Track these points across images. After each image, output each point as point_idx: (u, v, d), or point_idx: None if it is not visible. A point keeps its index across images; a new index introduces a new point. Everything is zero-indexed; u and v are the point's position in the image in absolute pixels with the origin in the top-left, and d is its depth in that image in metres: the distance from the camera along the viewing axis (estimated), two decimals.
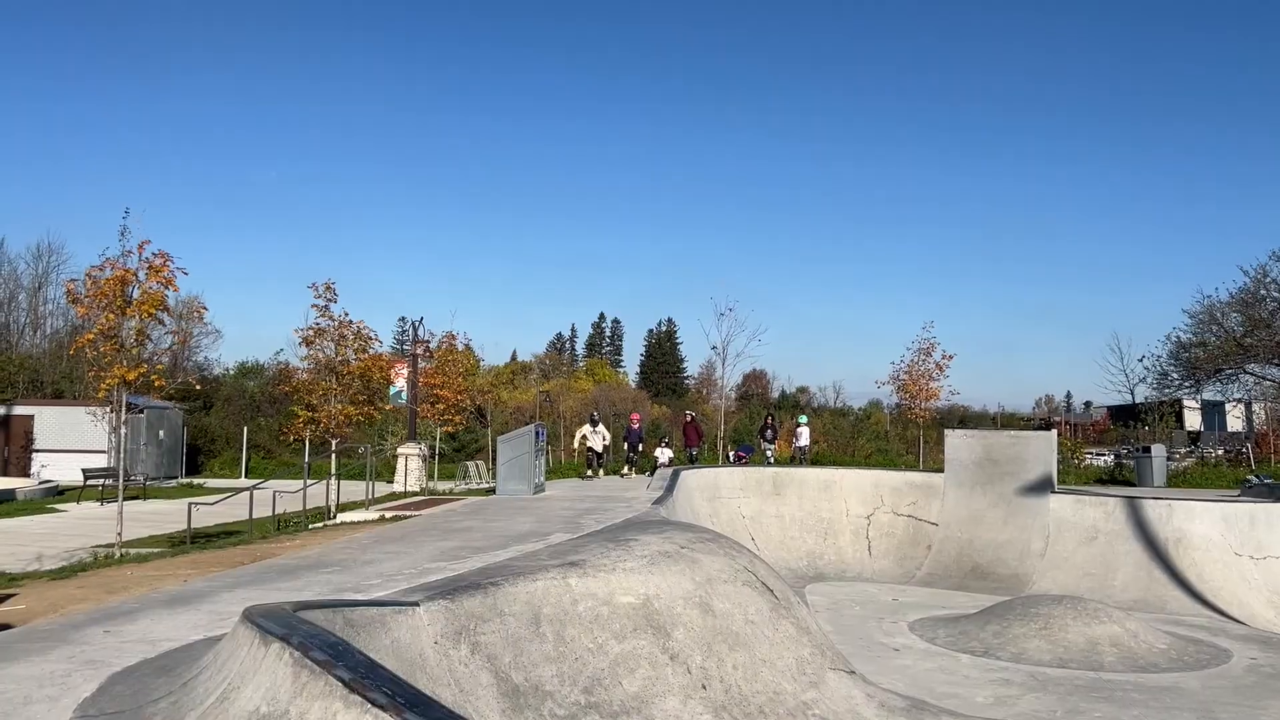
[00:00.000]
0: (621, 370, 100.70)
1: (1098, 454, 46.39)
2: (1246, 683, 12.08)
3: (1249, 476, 26.95)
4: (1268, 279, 39.94)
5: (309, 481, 20.19)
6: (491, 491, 19.65)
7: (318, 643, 3.71)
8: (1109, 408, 61.84)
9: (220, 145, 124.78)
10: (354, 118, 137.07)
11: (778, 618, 9.42)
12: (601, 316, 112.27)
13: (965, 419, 60.53)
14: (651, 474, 23.82)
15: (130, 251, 14.88)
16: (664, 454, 27.26)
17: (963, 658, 12.96)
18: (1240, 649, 13.90)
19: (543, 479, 18.88)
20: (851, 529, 22.07)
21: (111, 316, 14.58)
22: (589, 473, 24.79)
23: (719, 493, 21.89)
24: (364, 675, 3.44)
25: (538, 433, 18.15)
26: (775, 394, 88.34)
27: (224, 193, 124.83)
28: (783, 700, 8.46)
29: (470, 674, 7.05)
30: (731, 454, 33.67)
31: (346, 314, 20.82)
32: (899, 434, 51.68)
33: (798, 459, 27.69)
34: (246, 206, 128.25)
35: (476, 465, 31.24)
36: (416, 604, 7.12)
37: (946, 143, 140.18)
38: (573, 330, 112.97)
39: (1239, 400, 45.92)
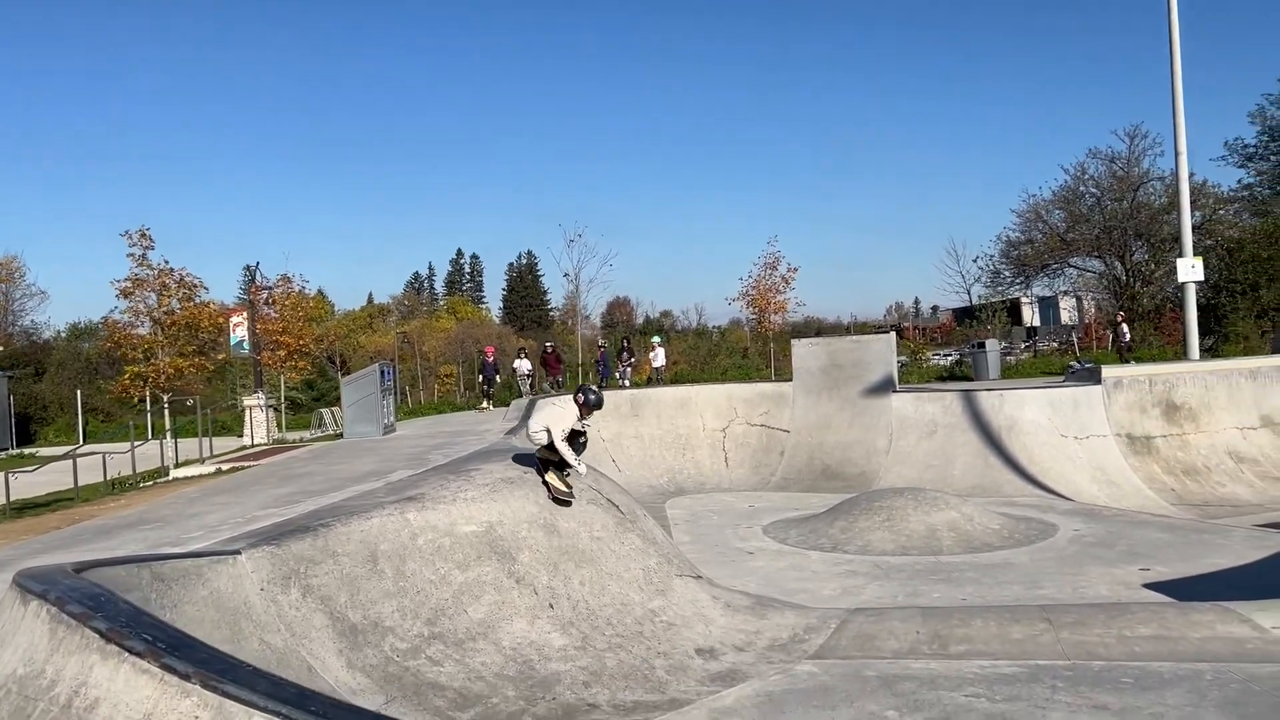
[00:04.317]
0: (484, 306, 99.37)
1: (944, 354, 48.54)
2: (1070, 553, 12.94)
3: (1072, 363, 28.69)
4: (1086, 175, 42.25)
5: (163, 438, 19.12)
6: (341, 436, 19.10)
7: (77, 596, 3.44)
8: (953, 310, 64.71)
9: (28, 89, 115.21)
10: (187, 59, 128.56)
11: (623, 531, 9.48)
12: (459, 253, 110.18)
13: (821, 330, 62.32)
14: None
15: None
16: (523, 365, 27.10)
17: (812, 555, 13.43)
18: (1066, 523, 14.87)
19: (393, 419, 18.44)
20: (709, 442, 22.50)
21: None
22: (484, 405, 25.35)
23: None
24: (124, 624, 3.20)
25: (384, 372, 17.64)
26: (639, 320, 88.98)
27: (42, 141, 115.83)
28: (630, 610, 8.56)
29: (303, 617, 6.83)
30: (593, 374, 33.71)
31: (166, 262, 19.57)
32: (758, 350, 52.88)
33: (655, 380, 27.94)
34: (68, 159, 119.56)
35: (332, 412, 30.26)
36: (238, 552, 6.82)
37: (782, 61, 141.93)
38: (430, 269, 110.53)
39: (1065, 293, 48.80)
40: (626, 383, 26.96)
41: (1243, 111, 62.44)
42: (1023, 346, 46.35)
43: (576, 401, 8.92)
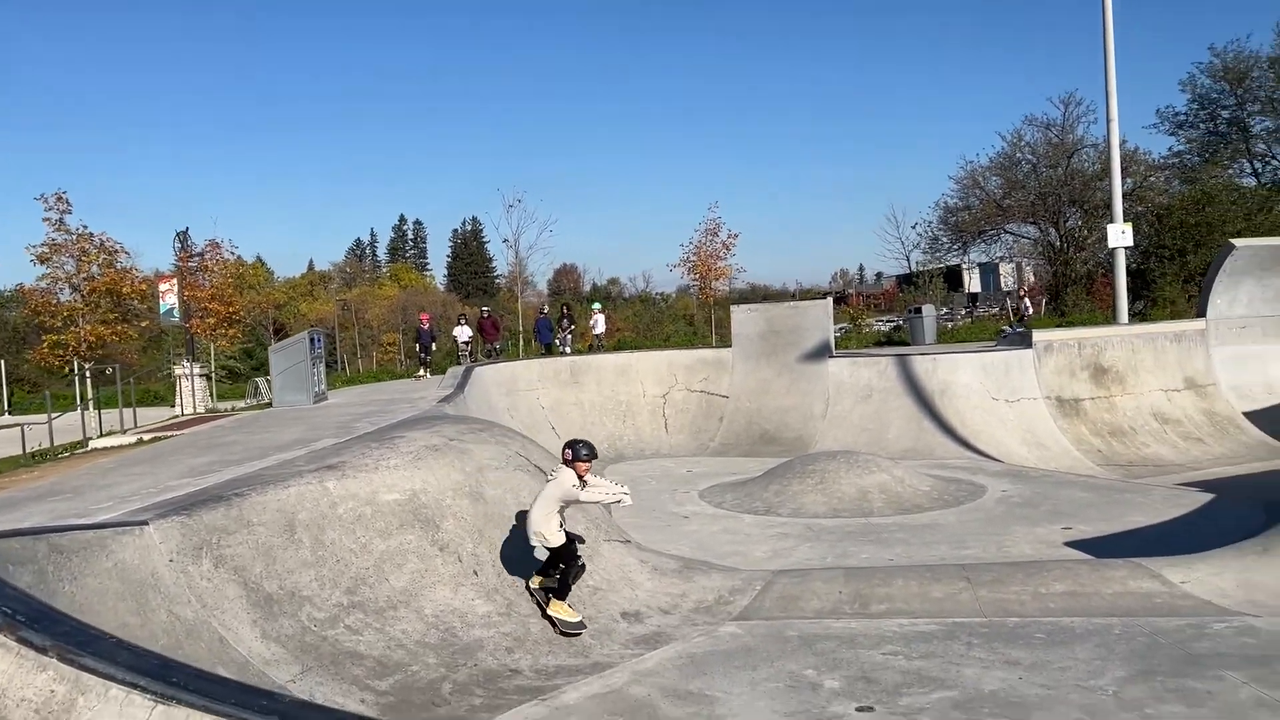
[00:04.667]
0: (428, 274, 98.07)
1: (887, 320, 49.11)
2: (996, 513, 13.19)
3: (1004, 328, 29.21)
4: (1023, 142, 42.79)
5: (83, 409, 18.55)
6: (271, 405, 18.75)
7: None
8: (896, 277, 65.43)
9: None
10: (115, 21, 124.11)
11: None
12: (402, 219, 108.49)
13: (768, 297, 62.58)
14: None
15: None
16: (463, 332, 26.86)
17: (746, 518, 13.52)
18: (994, 484, 15.14)
19: (324, 387, 18.12)
20: (649, 409, 22.52)
21: None
22: (421, 372, 25.05)
23: (516, 385, 21.78)
24: None
25: (314, 340, 17.29)
26: (587, 287, 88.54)
27: None
28: None
29: (214, 588, 6.68)
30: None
31: (85, 227, 18.91)
32: (704, 317, 53.02)
33: (596, 347, 27.86)
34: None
35: (267, 381, 29.73)
36: (145, 523, 6.64)
37: (723, 26, 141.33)
38: (373, 235, 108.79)
39: (1001, 259, 49.58)
40: (567, 350, 26.86)
41: (1174, 80, 63.67)
42: (963, 313, 47.04)
43: (565, 460, 7.78)
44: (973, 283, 62.97)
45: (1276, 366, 20.98)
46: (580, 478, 7.65)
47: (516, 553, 8.51)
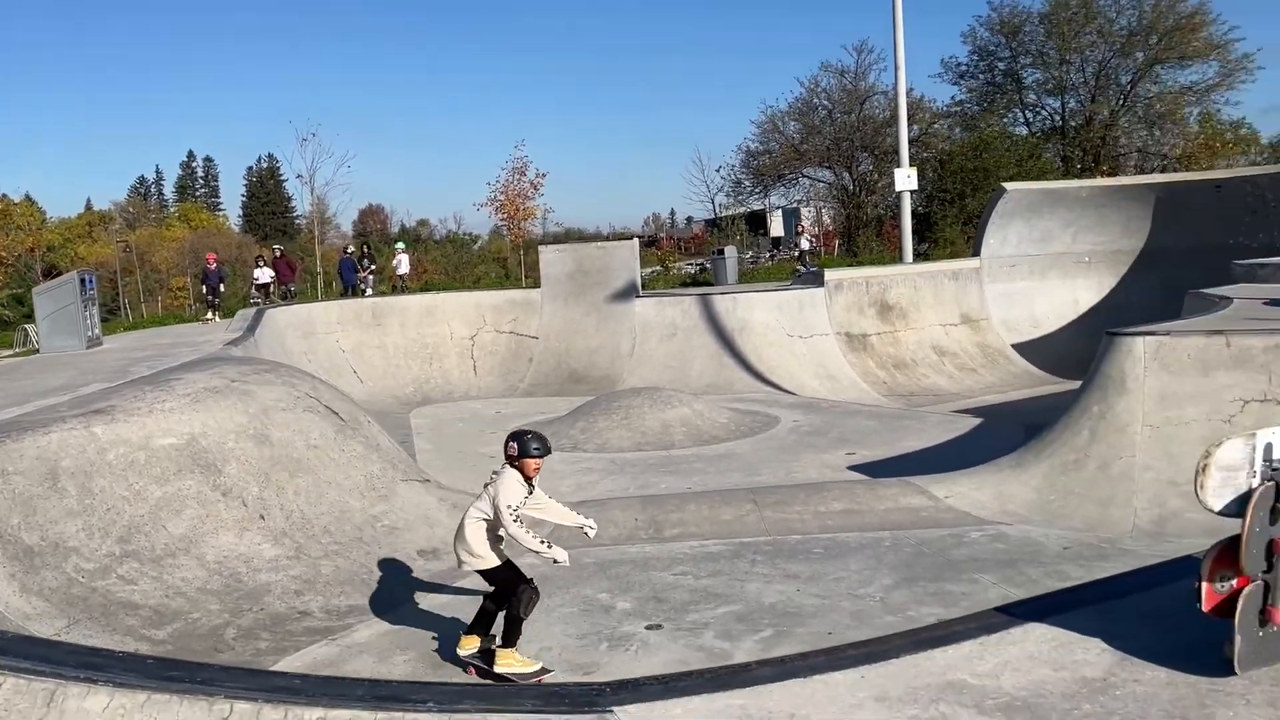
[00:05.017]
0: (221, 213, 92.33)
1: (695, 263, 50.20)
2: (788, 442, 13.86)
3: (798, 268, 30.50)
4: (819, 88, 44.38)
5: None
6: (38, 351, 17.29)
7: None
8: (705, 221, 66.87)
9: None
10: None
11: (344, 439, 9.20)
12: (191, 155, 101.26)
13: (581, 240, 62.55)
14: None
15: None
16: (263, 274, 25.58)
17: (553, 455, 13.59)
18: (787, 415, 15.89)
19: (97, 331, 16.84)
20: (457, 351, 22.21)
21: None
22: (209, 315, 23.65)
23: (314, 328, 20.96)
24: None
25: (84, 280, 15.99)
26: (395, 228, 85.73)
27: None
28: (350, 517, 8.36)
29: None
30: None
31: None
32: (517, 260, 52.56)
33: (400, 288, 27.15)
34: None
35: (35, 327, 27.33)
36: None
37: None
38: (158, 173, 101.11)
39: (800, 202, 51.60)
40: (369, 290, 26.05)
41: (958, 31, 67.38)
42: (767, 255, 48.72)
43: (509, 455, 5.86)
44: (775, 226, 65.24)
45: (1041, 302, 22.89)
46: (528, 479, 5.84)
47: (307, 495, 8.28)
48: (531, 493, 5.88)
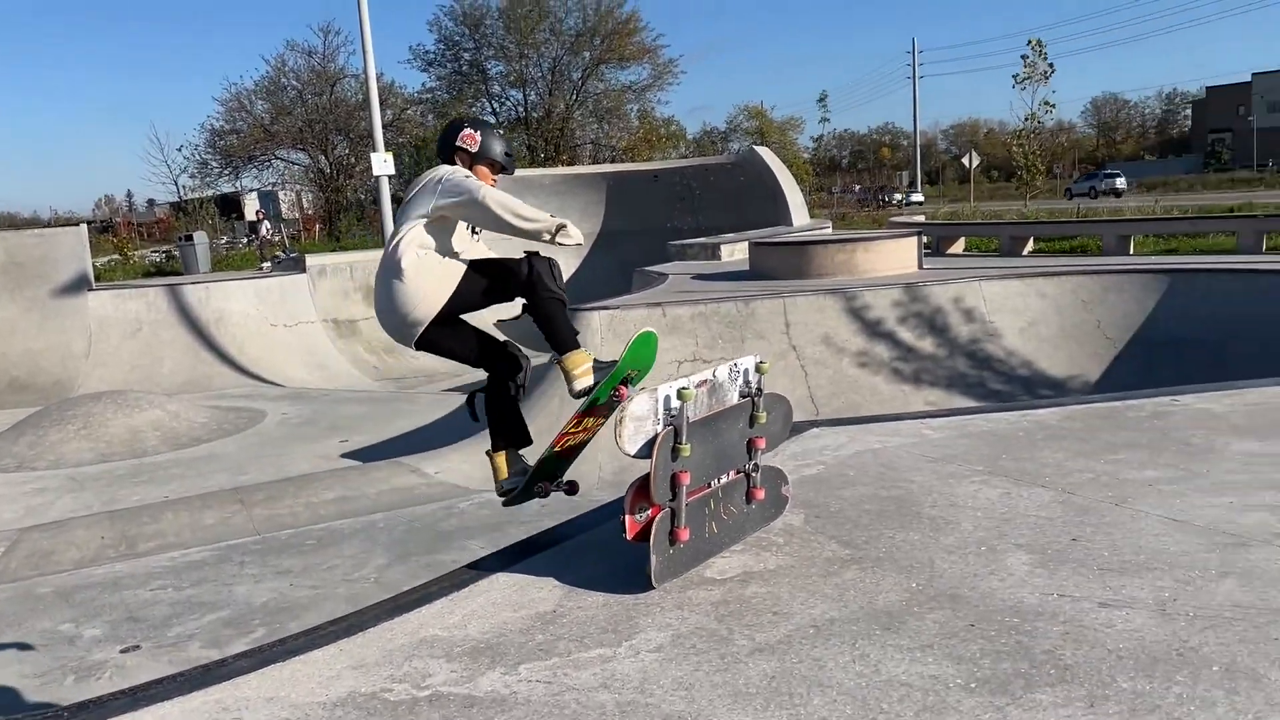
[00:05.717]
0: None
1: (160, 250, 45.81)
2: (277, 435, 13.42)
3: (278, 254, 29.26)
4: (287, 68, 42.79)
5: None
6: None
7: None
8: (170, 204, 61.05)
9: None
10: None
11: None
12: None
13: (16, 226, 53.71)
14: None
15: None
16: None
17: None
18: (275, 408, 15.34)
19: None
20: None
21: None
22: None
23: None
24: None
25: None
26: None
27: None
28: None
29: None
30: None
31: None
32: None
33: None
34: None
35: None
36: None
37: None
38: None
39: (275, 185, 49.46)
40: None
41: (424, 20, 68.92)
42: (245, 240, 45.87)
43: (461, 148, 3.97)
44: (250, 209, 61.70)
45: None
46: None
47: None
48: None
